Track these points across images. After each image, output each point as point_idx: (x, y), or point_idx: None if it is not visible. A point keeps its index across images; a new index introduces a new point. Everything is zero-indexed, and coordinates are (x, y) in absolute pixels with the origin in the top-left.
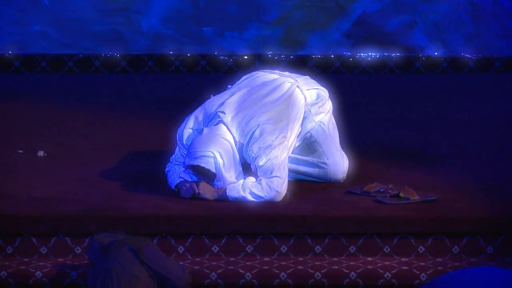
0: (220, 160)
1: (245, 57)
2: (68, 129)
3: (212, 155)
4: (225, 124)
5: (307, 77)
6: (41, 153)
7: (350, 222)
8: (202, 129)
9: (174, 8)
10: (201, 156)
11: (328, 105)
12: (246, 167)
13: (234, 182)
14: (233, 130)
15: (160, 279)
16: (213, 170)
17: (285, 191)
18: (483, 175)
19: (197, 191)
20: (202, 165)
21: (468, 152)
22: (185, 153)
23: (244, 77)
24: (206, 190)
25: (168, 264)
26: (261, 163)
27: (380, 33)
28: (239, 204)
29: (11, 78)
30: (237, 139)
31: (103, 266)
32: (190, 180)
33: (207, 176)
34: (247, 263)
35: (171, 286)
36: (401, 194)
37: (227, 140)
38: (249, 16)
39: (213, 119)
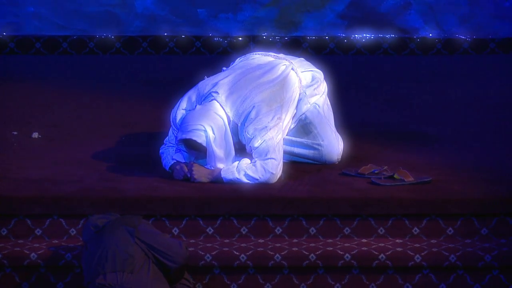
0: (211, 135)
1: (240, 38)
2: (62, 110)
3: (203, 128)
4: (218, 102)
5: (302, 59)
6: (35, 135)
7: (345, 204)
8: (196, 106)
9: None
10: (193, 129)
11: (323, 87)
12: (240, 149)
13: (223, 159)
14: (227, 110)
15: (157, 255)
16: (204, 144)
17: (280, 173)
18: (477, 157)
19: (185, 170)
20: (194, 138)
21: (462, 134)
22: None
23: (239, 59)
24: (200, 174)
25: (164, 240)
26: (256, 144)
27: (374, 14)
28: (233, 186)
29: (6, 60)
30: (231, 118)
31: (98, 247)
32: (182, 161)
33: (199, 151)
34: (242, 244)
35: (169, 261)
36: (395, 176)
37: (220, 116)
38: None
39: (206, 99)
